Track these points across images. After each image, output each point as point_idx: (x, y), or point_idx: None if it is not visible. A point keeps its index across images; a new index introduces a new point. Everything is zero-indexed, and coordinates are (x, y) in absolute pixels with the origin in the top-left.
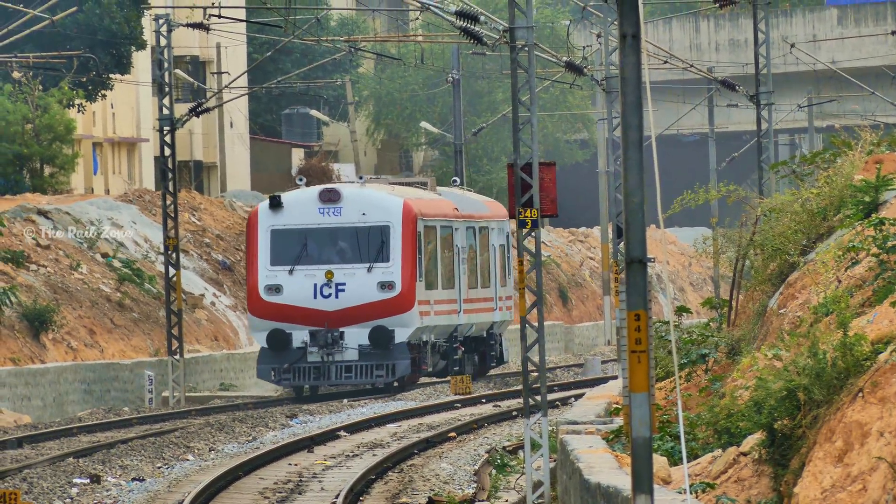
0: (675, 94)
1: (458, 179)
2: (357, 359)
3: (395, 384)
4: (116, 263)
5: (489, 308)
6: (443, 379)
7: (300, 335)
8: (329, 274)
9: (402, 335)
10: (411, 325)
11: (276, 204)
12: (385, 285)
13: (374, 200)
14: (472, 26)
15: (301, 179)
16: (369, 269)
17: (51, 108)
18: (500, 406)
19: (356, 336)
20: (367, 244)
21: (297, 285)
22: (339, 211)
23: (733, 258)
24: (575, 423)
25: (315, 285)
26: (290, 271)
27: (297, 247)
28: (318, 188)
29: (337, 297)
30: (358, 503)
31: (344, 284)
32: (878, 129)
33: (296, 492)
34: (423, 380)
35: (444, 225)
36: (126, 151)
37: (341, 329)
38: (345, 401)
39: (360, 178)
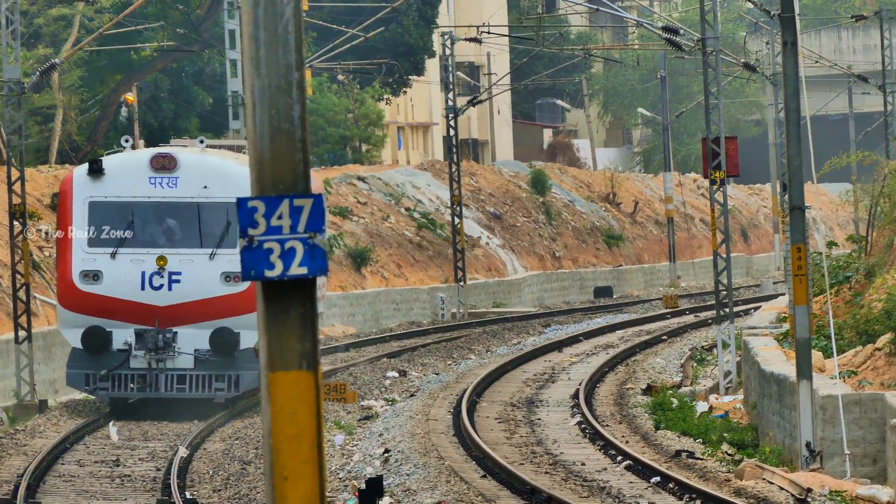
0: (823, 85)
1: None
2: (192, 367)
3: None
4: (416, 215)
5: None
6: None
7: (123, 335)
8: (161, 260)
9: (249, 339)
10: None
11: (95, 170)
12: (231, 276)
13: (217, 170)
14: (674, 37)
15: (127, 140)
16: (211, 256)
17: (366, 102)
18: (699, 316)
19: (192, 338)
20: (210, 224)
21: (121, 273)
22: (175, 182)
23: (869, 205)
24: (754, 328)
25: (143, 273)
26: (113, 255)
27: (121, 225)
28: (148, 152)
29: (170, 288)
30: (595, 387)
31: (179, 274)
32: None
33: (550, 380)
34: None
35: None
36: (422, 133)
37: (174, 329)
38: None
39: (201, 141)
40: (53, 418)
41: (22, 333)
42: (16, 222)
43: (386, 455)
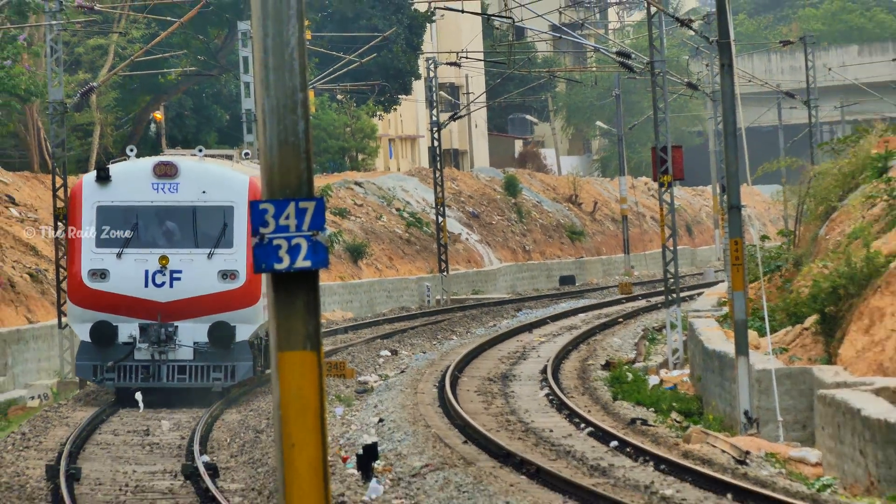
0: (756, 101)
1: (249, 152)
2: (192, 358)
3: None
4: (405, 215)
5: None
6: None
7: (128, 329)
8: (163, 259)
9: (244, 333)
10: (255, 321)
11: (103, 177)
12: (227, 274)
13: (215, 176)
14: (627, 61)
15: (131, 150)
16: (209, 256)
17: (361, 118)
18: (650, 301)
19: (191, 332)
20: (208, 226)
21: (126, 271)
22: (176, 187)
23: (797, 204)
24: (698, 310)
25: (147, 272)
26: (119, 255)
27: (126, 227)
28: (151, 160)
29: (172, 286)
30: (561, 364)
31: (180, 272)
32: (885, 121)
33: (522, 357)
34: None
35: None
36: (409, 144)
37: (175, 323)
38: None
39: (200, 150)
40: (91, 394)
41: (64, 320)
42: (59, 223)
43: (380, 424)
